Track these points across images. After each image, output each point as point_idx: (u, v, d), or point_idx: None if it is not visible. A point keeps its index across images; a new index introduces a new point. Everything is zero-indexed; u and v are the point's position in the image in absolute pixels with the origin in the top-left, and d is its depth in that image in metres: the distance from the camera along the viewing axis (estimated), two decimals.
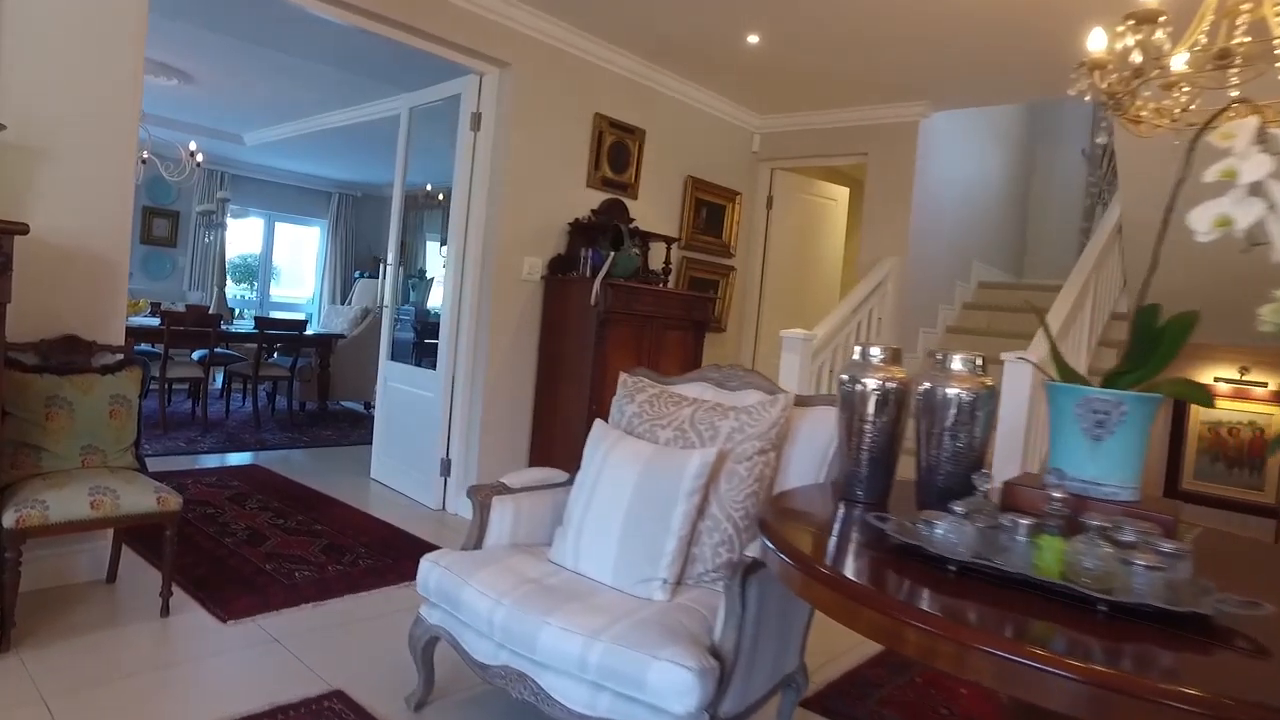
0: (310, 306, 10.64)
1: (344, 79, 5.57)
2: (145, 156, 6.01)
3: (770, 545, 1.47)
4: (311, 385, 6.59)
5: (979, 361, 1.72)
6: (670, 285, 4.84)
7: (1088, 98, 2.30)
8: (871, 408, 1.81)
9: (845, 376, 1.86)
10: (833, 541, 1.59)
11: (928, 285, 5.50)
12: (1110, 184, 6.63)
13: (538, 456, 4.28)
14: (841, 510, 1.77)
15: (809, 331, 4.28)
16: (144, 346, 5.95)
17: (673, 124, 5.01)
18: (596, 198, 4.54)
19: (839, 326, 4.57)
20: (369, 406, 7.17)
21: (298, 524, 3.67)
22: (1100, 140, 6.63)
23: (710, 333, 5.12)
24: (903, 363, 1.90)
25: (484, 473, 4.12)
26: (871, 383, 1.81)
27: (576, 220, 4.39)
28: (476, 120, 4.11)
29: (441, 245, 8.85)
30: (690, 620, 1.81)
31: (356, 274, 10.12)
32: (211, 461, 4.84)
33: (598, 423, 2.31)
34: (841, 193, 6.32)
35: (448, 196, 8.61)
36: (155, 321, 5.57)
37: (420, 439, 4.29)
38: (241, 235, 9.94)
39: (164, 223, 8.91)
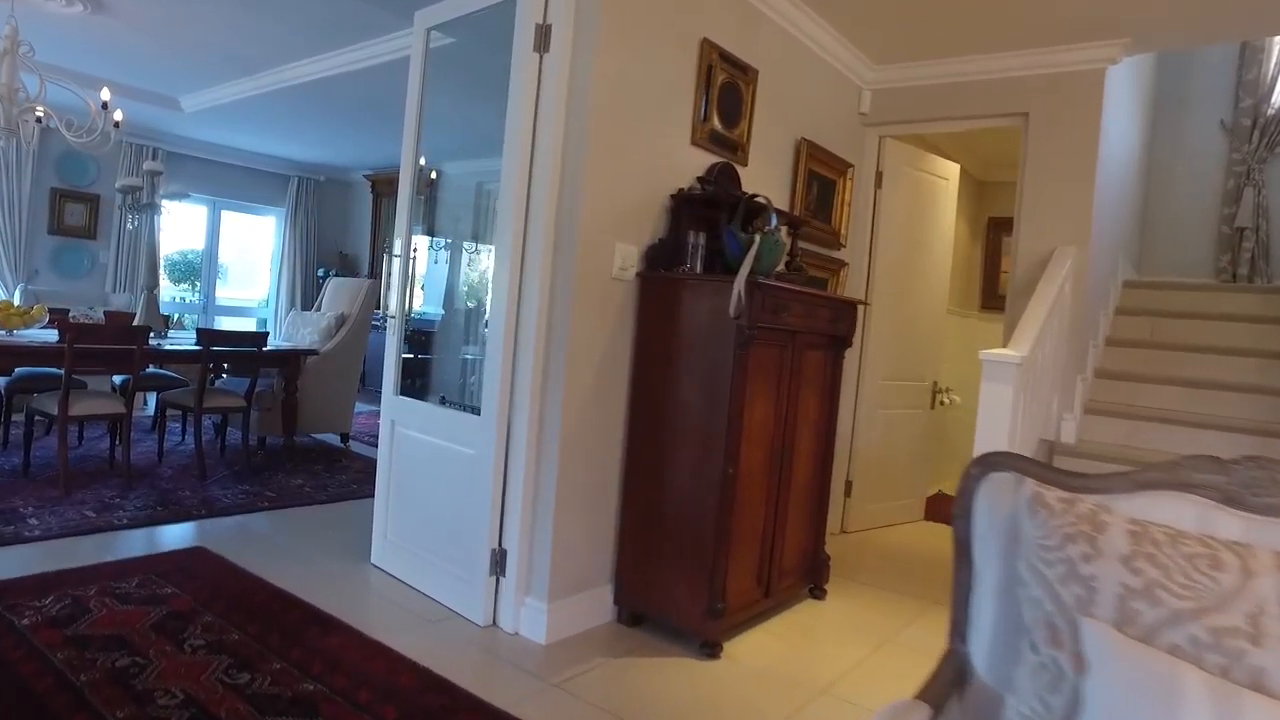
0: (265, 310, 9.04)
1: (325, 6, 4.09)
2: (40, 114, 4.44)
3: None
4: (274, 415, 5.07)
5: None
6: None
7: None
8: None
9: None
10: None
11: (1092, 285, 4.26)
12: (1264, 161, 5.49)
13: (632, 548, 2.87)
14: None
15: (1018, 352, 2.97)
16: (43, 369, 4.37)
17: (783, 66, 3.66)
18: (702, 160, 3.17)
19: (1037, 342, 3.27)
20: (346, 439, 5.67)
21: (274, 678, 2.22)
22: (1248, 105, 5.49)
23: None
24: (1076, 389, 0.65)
25: (559, 572, 2.71)
26: None
27: (681, 191, 3.01)
28: (543, 36, 2.70)
29: (430, 238, 7.37)
30: None
31: (322, 272, 8.55)
32: (133, 543, 3.33)
33: (1129, 645, 0.94)
34: (952, 170, 5.05)
35: (441, 178, 7.13)
36: (53, 336, 4.01)
37: (456, 517, 2.86)
38: (181, 225, 8.29)
39: (80, 208, 7.25)
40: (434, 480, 2.97)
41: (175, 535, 3.46)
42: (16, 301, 6.73)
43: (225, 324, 8.99)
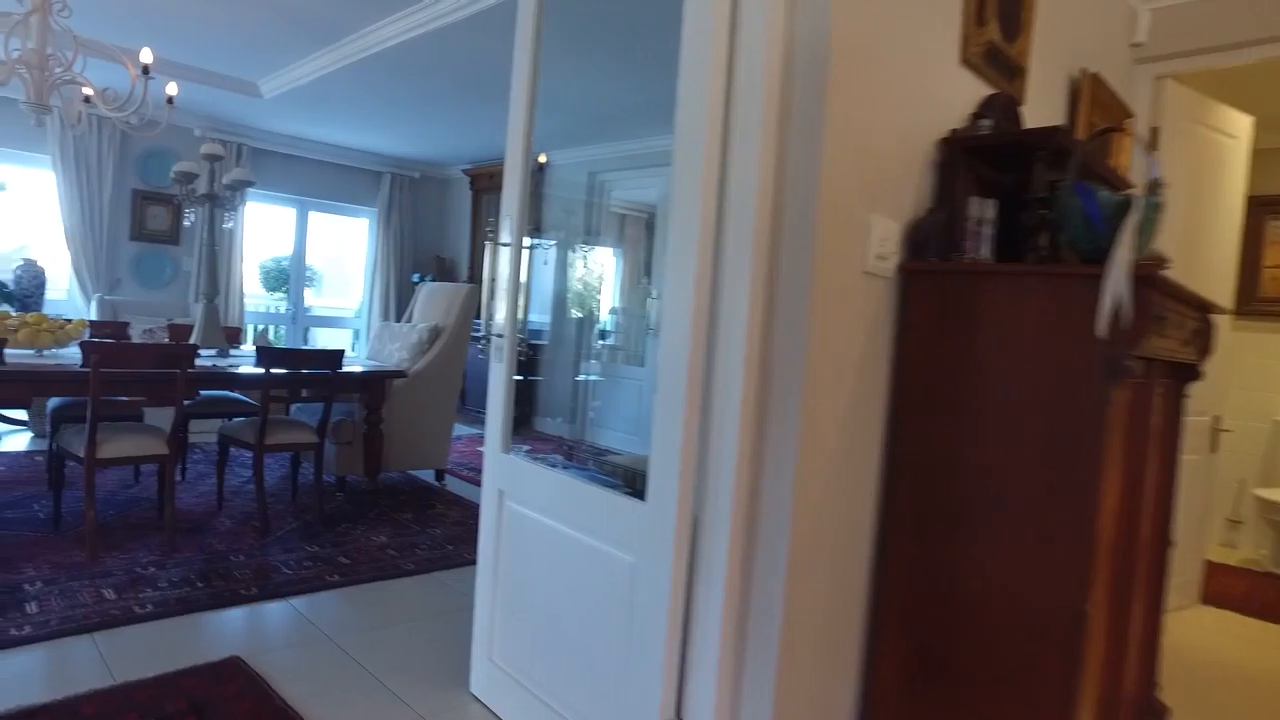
0: (358, 321, 8.35)
1: None
2: (88, 94, 3.69)
3: None
4: (354, 450, 4.18)
5: None
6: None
7: None
8: None
9: None
10: None
11: None
12: None
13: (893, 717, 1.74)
14: None
15: None
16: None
17: None
18: (972, 90, 2.02)
19: None
20: (442, 476, 4.75)
21: None
22: None
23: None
24: None
25: None
26: None
27: (954, 135, 1.87)
28: None
29: (533, 237, 6.42)
30: None
31: (417, 278, 7.76)
32: (149, 647, 2.42)
33: None
34: (1243, 125, 3.70)
35: (547, 168, 6.21)
36: (71, 358, 3.19)
37: (603, 657, 1.80)
38: (271, 229, 7.68)
39: (161, 211, 6.66)
40: (564, 591, 1.92)
41: (208, 633, 2.54)
42: (93, 315, 6.16)
43: (318, 335, 8.37)
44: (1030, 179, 1.82)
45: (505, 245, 2.18)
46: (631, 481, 2.21)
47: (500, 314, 2.20)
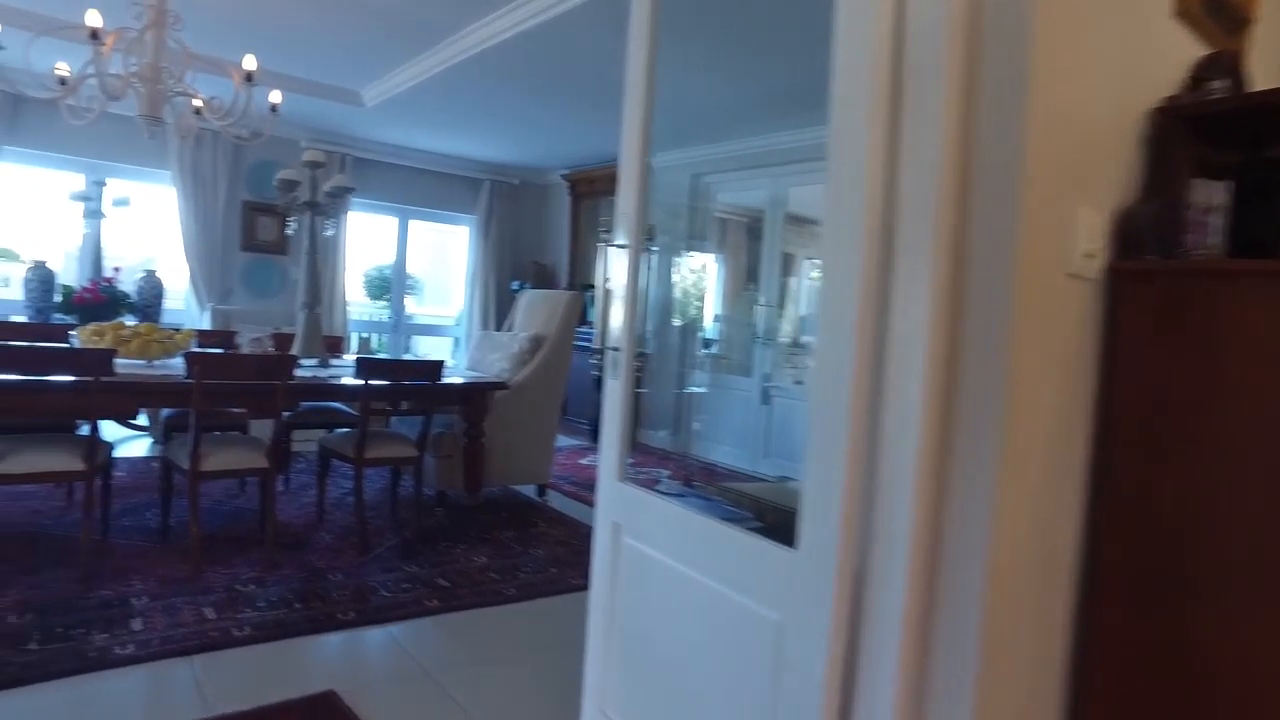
0: (458, 329, 8.37)
1: None
2: (198, 105, 3.70)
3: None
4: (454, 464, 4.06)
5: None
6: None
7: None
8: None
9: None
10: None
11: None
12: None
13: None
14: None
15: None
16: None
17: None
18: (1181, 48, 1.65)
19: None
20: (544, 491, 4.58)
21: None
22: None
23: None
24: None
25: None
26: None
27: (1171, 102, 1.53)
28: None
29: None
30: None
31: (516, 286, 7.69)
32: (242, 674, 2.30)
33: None
34: None
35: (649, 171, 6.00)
36: (180, 368, 3.15)
37: None
38: (374, 238, 7.79)
39: (270, 222, 6.80)
40: (691, 645, 1.66)
41: (304, 661, 2.41)
42: (206, 325, 6.34)
43: (420, 343, 8.44)
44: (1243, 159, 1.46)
45: (622, 248, 1.96)
46: (762, 516, 1.95)
47: (616, 323, 1.97)
